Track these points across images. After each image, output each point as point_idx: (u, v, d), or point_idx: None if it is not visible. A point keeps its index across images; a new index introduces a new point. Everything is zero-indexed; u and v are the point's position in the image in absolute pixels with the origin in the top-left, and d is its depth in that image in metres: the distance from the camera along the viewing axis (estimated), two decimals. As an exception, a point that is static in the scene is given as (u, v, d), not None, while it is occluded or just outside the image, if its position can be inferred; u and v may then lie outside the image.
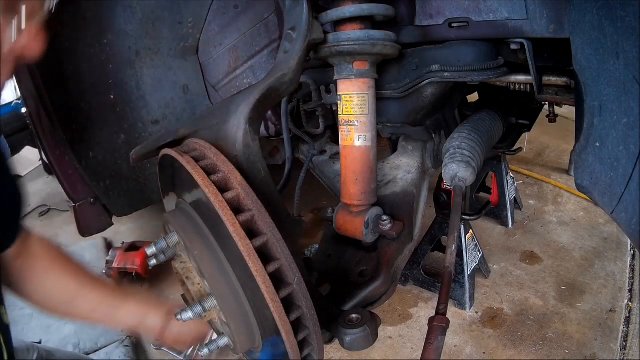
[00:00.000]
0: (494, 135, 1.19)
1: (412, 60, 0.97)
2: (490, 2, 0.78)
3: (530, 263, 1.81)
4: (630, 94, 0.58)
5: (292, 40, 0.78)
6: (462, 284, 1.56)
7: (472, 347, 1.44)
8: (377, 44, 0.85)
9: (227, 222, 0.61)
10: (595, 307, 1.55)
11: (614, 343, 1.41)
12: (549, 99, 0.90)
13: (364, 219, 0.96)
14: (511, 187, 2.01)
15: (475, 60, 0.88)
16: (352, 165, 0.96)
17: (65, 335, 1.55)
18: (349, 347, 0.79)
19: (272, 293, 0.62)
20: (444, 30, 0.87)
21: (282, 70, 0.76)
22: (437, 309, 0.72)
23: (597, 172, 0.67)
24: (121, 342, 1.51)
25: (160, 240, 0.73)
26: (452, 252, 0.79)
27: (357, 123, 0.92)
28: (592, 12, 0.60)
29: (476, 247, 1.64)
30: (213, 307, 0.70)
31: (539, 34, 0.75)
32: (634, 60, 0.56)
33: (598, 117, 0.64)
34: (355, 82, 0.90)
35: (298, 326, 0.69)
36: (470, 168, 0.97)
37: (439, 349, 0.67)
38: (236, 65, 1.38)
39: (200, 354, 0.74)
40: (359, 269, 1.01)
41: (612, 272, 1.71)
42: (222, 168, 0.68)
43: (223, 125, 0.74)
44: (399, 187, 1.13)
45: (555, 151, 2.73)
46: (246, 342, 0.72)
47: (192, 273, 0.75)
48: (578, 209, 2.12)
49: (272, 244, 0.65)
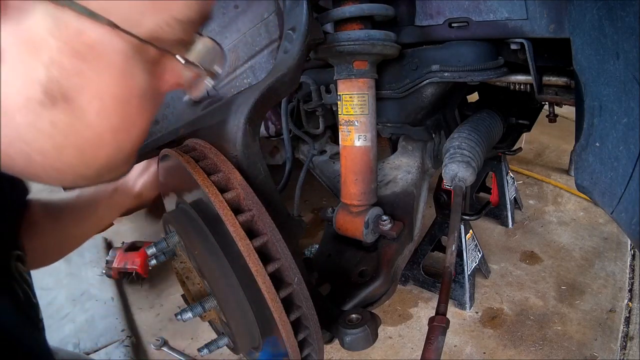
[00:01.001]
0: (494, 135, 1.19)
1: (412, 60, 0.97)
2: (490, 2, 0.78)
3: (530, 263, 1.81)
4: (630, 94, 0.58)
5: (292, 40, 0.78)
6: (462, 284, 1.56)
7: (472, 347, 1.44)
8: (377, 44, 0.85)
9: (227, 222, 0.61)
10: (595, 307, 1.55)
11: (614, 343, 1.41)
12: (549, 99, 0.90)
13: (364, 219, 0.96)
14: (511, 187, 2.01)
15: (475, 60, 0.88)
16: (352, 165, 0.96)
17: (65, 335, 1.55)
18: (349, 347, 0.79)
19: (272, 293, 0.62)
20: (444, 30, 0.87)
21: (282, 70, 0.76)
22: (437, 309, 0.72)
23: (597, 172, 0.67)
24: (121, 342, 1.51)
25: (161, 241, 0.73)
26: (452, 252, 0.79)
27: (357, 123, 0.92)
28: (592, 12, 0.60)
29: (476, 247, 1.64)
30: (213, 307, 0.70)
31: (539, 34, 0.75)
32: (634, 60, 0.56)
33: (598, 117, 0.64)
34: (355, 82, 0.90)
35: (298, 326, 0.69)
36: (470, 168, 0.97)
37: (439, 349, 0.67)
38: (236, 66, 1.37)
39: (201, 354, 0.74)
40: (359, 269, 1.01)
41: (612, 272, 1.71)
42: (222, 168, 0.68)
43: (223, 125, 0.74)
44: (399, 187, 1.13)
45: (555, 151, 2.73)
46: (246, 342, 0.72)
47: (192, 273, 0.75)
48: (578, 209, 2.12)
49: (272, 244, 0.65)
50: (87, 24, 0.35)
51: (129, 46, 0.38)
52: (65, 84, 0.36)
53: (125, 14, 0.37)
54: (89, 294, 1.77)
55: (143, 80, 0.41)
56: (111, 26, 0.36)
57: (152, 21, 0.38)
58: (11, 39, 0.34)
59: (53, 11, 0.34)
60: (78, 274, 1.89)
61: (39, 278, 1.98)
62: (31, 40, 0.34)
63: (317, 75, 1.15)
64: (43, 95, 0.35)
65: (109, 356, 1.45)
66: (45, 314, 0.62)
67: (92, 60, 0.36)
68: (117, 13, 0.36)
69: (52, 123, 0.37)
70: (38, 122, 0.37)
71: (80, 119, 0.38)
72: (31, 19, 0.34)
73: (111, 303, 1.70)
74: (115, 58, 0.38)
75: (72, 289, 1.80)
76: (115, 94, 0.39)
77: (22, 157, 0.38)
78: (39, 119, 0.37)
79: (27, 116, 0.36)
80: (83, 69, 0.36)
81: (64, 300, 1.73)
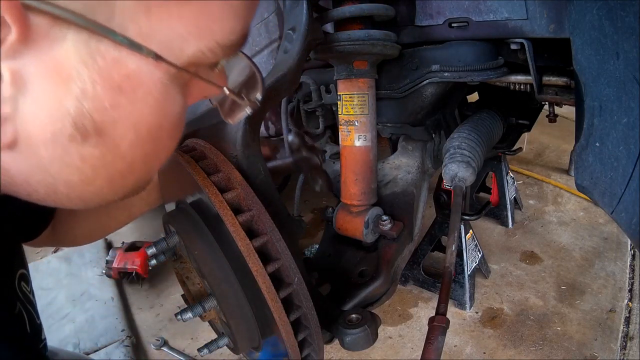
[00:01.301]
0: (494, 135, 1.19)
1: (412, 60, 0.97)
2: (490, 2, 0.78)
3: (530, 263, 1.81)
4: (630, 94, 0.58)
5: (292, 40, 0.78)
6: (462, 284, 1.56)
7: (472, 347, 1.44)
8: (377, 43, 0.85)
9: (227, 222, 0.61)
10: (595, 307, 1.55)
11: (614, 343, 1.41)
12: (549, 99, 0.90)
13: (364, 219, 0.96)
14: (511, 187, 2.01)
15: (475, 60, 0.88)
16: (352, 165, 0.96)
17: (65, 335, 1.55)
18: (349, 347, 0.79)
19: (272, 293, 0.62)
20: (444, 30, 0.87)
21: (282, 71, 0.76)
22: (437, 309, 0.72)
23: (597, 172, 0.67)
24: (121, 342, 1.51)
25: (161, 241, 0.73)
26: (452, 252, 0.79)
27: (357, 123, 0.92)
28: (592, 12, 0.60)
29: (476, 247, 1.64)
30: (213, 307, 0.70)
31: (539, 34, 0.75)
32: (634, 60, 0.56)
33: (598, 117, 0.64)
34: (355, 82, 0.90)
35: (298, 326, 0.69)
36: (470, 168, 0.97)
37: (439, 349, 0.67)
38: (236, 66, 1.37)
39: (201, 354, 0.74)
40: (359, 269, 1.01)
41: (612, 272, 1.71)
42: (222, 168, 0.68)
43: (223, 125, 0.74)
44: (399, 187, 1.13)
45: (555, 151, 2.73)
46: (246, 342, 0.72)
47: (192, 273, 0.75)
48: (578, 209, 2.12)
49: (272, 244, 0.65)
50: (126, 53, 0.32)
51: (167, 74, 0.35)
52: (98, 117, 0.33)
53: (167, 41, 0.33)
54: (89, 294, 1.77)
55: (178, 104, 0.39)
56: (155, 58, 0.33)
57: (195, 47, 0.35)
58: (35, 69, 0.30)
59: (87, 40, 0.30)
60: (78, 274, 1.89)
61: (39, 278, 1.98)
62: (60, 71, 0.30)
63: (317, 75, 1.15)
64: (73, 129, 0.32)
65: (109, 356, 1.45)
66: (45, 314, 0.62)
67: (128, 91, 0.33)
68: (158, 40, 0.33)
69: (81, 157, 0.34)
70: (66, 157, 0.34)
71: (112, 151, 0.36)
72: (61, 47, 0.30)
73: (111, 303, 1.70)
74: (153, 88, 0.35)
75: (72, 289, 1.80)
76: (151, 123, 0.37)
77: (45, 188, 0.36)
78: (67, 154, 0.34)
79: (54, 150, 0.33)
80: (119, 101, 0.33)
81: (64, 300, 1.73)
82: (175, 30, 0.33)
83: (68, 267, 1.93)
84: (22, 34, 0.28)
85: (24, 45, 0.28)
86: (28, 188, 0.36)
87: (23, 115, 0.31)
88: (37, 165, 0.34)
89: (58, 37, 0.29)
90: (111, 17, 0.30)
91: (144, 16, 0.31)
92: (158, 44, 0.33)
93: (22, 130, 0.32)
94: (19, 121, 0.31)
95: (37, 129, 0.32)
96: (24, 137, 0.32)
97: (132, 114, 0.35)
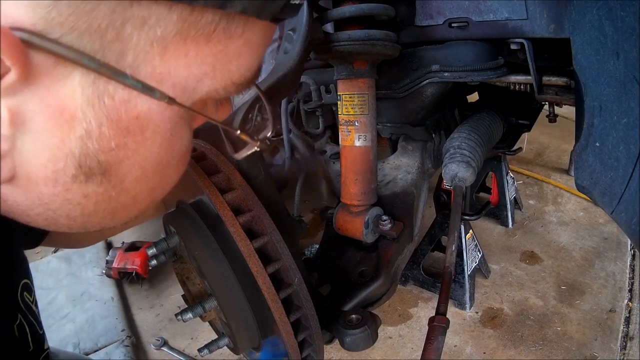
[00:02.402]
0: (494, 135, 1.19)
1: (412, 60, 0.97)
2: (490, 2, 0.78)
3: (530, 263, 1.81)
4: (630, 94, 0.58)
5: (292, 40, 0.78)
6: (462, 284, 1.56)
7: (472, 347, 1.44)
8: (377, 43, 0.85)
9: (227, 223, 0.61)
10: (595, 307, 1.55)
11: (614, 343, 1.41)
12: (549, 99, 0.90)
13: (364, 219, 0.96)
14: (511, 187, 2.01)
15: (475, 60, 0.88)
16: (352, 165, 0.96)
17: (65, 335, 1.55)
18: (349, 348, 0.79)
19: (272, 294, 0.62)
20: (444, 30, 0.87)
21: (282, 71, 0.76)
22: (437, 309, 0.72)
23: (597, 172, 0.67)
24: (121, 342, 1.51)
25: (161, 241, 0.73)
26: (452, 252, 0.79)
27: (357, 123, 0.92)
28: (592, 12, 0.60)
29: (476, 247, 1.64)
30: (213, 308, 0.70)
31: (539, 34, 0.75)
32: (634, 60, 0.56)
33: (598, 117, 0.64)
34: (355, 82, 0.90)
35: (298, 326, 0.69)
36: (471, 168, 0.97)
37: (439, 349, 0.67)
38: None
39: (201, 354, 0.74)
40: (359, 269, 1.01)
41: (612, 272, 1.71)
42: (223, 169, 0.68)
43: (223, 125, 0.74)
44: (399, 187, 1.13)
45: (555, 151, 2.73)
46: (246, 342, 0.72)
47: (192, 273, 0.75)
48: (578, 209, 2.12)
49: (272, 245, 0.65)
50: (136, 94, 0.30)
51: (177, 114, 0.34)
52: (103, 158, 0.31)
53: (180, 82, 0.31)
54: (89, 294, 1.77)
55: (186, 139, 0.37)
56: (169, 102, 0.31)
57: (209, 87, 0.33)
58: (37, 107, 0.28)
59: (95, 80, 0.28)
60: (78, 274, 1.89)
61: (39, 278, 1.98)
62: (64, 111, 0.28)
63: (317, 75, 1.15)
64: (76, 170, 0.31)
65: (109, 356, 1.45)
66: (45, 314, 0.62)
67: (137, 132, 0.31)
68: (171, 82, 0.31)
69: (84, 195, 0.33)
70: (67, 195, 0.32)
71: (117, 188, 0.34)
72: (66, 86, 0.28)
73: (111, 303, 1.70)
74: (163, 127, 0.33)
75: (72, 289, 1.80)
76: (158, 160, 0.35)
77: (45, 221, 0.35)
78: (68, 192, 0.32)
79: (54, 188, 0.31)
80: (126, 142, 0.31)
81: (64, 300, 1.73)
82: (191, 71, 0.31)
83: (68, 267, 1.93)
84: (22, 74, 0.26)
85: (25, 84, 0.27)
86: (27, 218, 0.35)
87: (22, 153, 0.29)
88: (36, 200, 0.33)
89: (63, 76, 0.27)
90: (123, 56, 0.28)
91: (158, 57, 0.29)
92: (170, 87, 0.31)
93: (21, 166, 0.30)
94: (18, 158, 0.30)
95: (37, 167, 0.30)
96: (23, 173, 0.30)
97: (139, 153, 0.33)
